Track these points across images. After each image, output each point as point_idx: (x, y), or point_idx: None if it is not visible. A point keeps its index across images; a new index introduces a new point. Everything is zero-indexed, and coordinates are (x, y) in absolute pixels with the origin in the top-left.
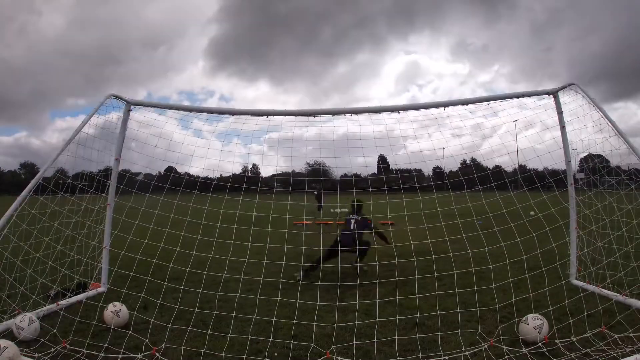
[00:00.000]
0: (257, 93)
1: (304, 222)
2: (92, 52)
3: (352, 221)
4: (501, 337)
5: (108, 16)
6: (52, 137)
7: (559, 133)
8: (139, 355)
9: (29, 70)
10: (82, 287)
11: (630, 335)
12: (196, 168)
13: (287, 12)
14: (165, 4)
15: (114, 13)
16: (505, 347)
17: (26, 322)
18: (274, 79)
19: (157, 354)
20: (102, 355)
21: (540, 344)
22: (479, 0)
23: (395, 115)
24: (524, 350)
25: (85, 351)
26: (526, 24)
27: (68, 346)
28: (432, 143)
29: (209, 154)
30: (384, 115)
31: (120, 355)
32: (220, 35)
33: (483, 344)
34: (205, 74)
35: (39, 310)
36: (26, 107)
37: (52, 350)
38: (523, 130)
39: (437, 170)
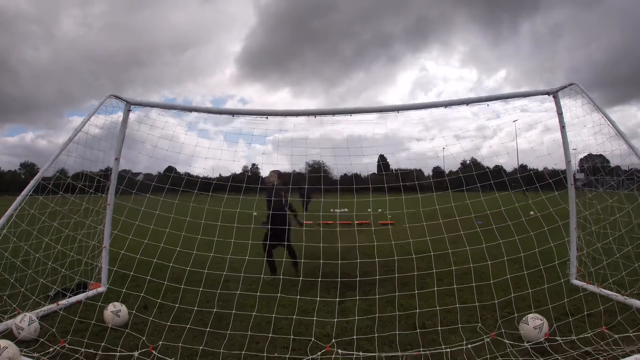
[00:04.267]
0: (276, 98)
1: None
2: (118, 56)
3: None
4: (503, 331)
5: (143, 21)
6: (59, 137)
7: (559, 133)
8: (135, 353)
9: (53, 72)
10: (82, 287)
11: (631, 335)
12: (197, 168)
13: (316, 29)
14: (202, 13)
15: (151, 19)
16: (507, 342)
17: (26, 322)
18: (294, 85)
19: (154, 352)
20: (101, 353)
21: (542, 339)
22: (484, 23)
23: (397, 115)
24: (526, 344)
25: (84, 350)
26: (528, 36)
27: (67, 345)
28: (433, 144)
29: (209, 153)
30: (386, 115)
31: (118, 354)
32: (251, 45)
33: (485, 337)
34: (232, 80)
35: (38, 310)
36: (46, 109)
37: (51, 350)
38: (523, 131)
39: (437, 171)
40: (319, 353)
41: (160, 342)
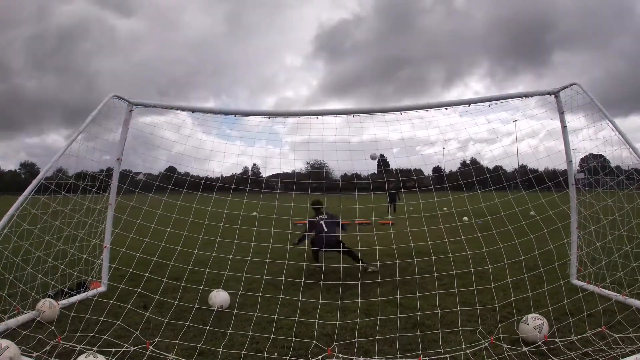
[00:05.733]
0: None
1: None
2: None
3: (322, 223)
4: (501, 335)
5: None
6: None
7: (560, 133)
8: (132, 348)
9: None
10: (82, 286)
11: (630, 335)
12: (198, 168)
13: None
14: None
15: None
16: (505, 346)
17: (47, 306)
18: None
19: (151, 347)
20: (98, 348)
21: (540, 343)
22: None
23: (397, 116)
24: (524, 348)
25: (82, 347)
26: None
27: (62, 342)
28: (433, 143)
29: (211, 154)
30: (387, 116)
31: (113, 350)
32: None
33: (484, 342)
34: None
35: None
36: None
37: (49, 347)
38: (524, 130)
39: (438, 174)
40: (320, 357)
41: (156, 339)
